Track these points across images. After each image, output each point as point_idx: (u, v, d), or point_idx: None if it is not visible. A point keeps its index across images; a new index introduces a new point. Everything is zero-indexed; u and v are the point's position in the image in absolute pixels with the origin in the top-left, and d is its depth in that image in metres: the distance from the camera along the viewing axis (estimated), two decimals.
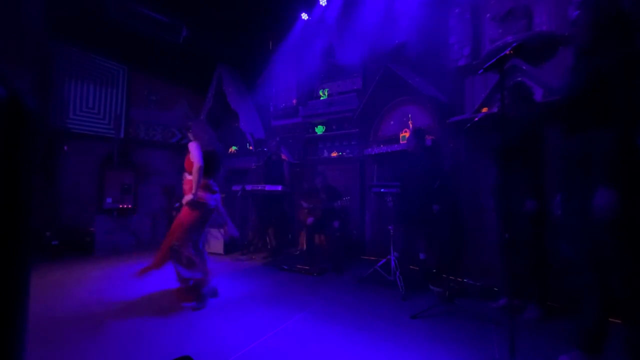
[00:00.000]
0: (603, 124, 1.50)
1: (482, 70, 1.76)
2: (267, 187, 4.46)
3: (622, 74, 1.44)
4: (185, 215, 2.65)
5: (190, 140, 2.75)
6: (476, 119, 2.86)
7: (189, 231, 2.65)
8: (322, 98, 5.46)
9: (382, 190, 3.32)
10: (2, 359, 0.54)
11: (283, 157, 5.21)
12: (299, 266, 3.86)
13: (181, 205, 2.73)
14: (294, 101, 5.83)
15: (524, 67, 3.07)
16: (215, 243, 4.90)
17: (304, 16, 5.45)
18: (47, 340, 1.99)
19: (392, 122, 4.68)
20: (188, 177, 2.70)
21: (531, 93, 2.51)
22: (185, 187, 2.71)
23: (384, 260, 3.29)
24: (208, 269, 2.74)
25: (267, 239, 4.98)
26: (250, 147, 5.76)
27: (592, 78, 1.52)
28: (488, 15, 3.54)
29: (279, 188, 4.42)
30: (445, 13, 3.98)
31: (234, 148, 6.21)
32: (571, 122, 1.66)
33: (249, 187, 4.62)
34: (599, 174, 1.47)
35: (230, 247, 4.95)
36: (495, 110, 3.08)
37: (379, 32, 4.68)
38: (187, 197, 2.62)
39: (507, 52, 1.58)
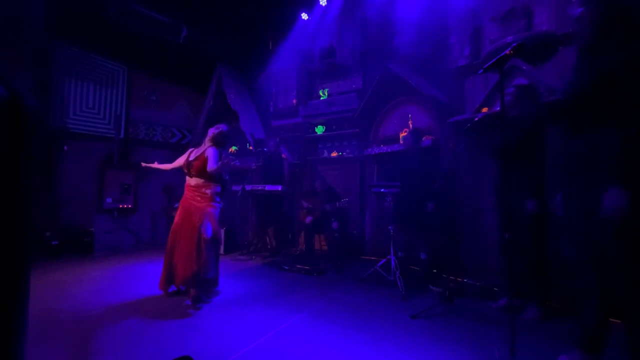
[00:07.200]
0: (609, 124, 1.48)
1: (482, 71, 1.76)
2: (267, 187, 4.46)
3: (628, 72, 1.41)
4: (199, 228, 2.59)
5: (211, 144, 2.77)
6: (476, 118, 2.86)
7: (210, 248, 2.63)
8: (322, 98, 5.46)
9: (382, 190, 3.32)
10: (3, 358, 0.54)
11: (283, 156, 5.21)
12: (298, 266, 3.86)
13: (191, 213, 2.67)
14: (294, 101, 5.82)
15: (524, 67, 3.07)
16: None
17: (304, 16, 5.45)
18: (47, 340, 1.99)
19: (392, 122, 4.68)
20: (197, 181, 2.71)
21: (539, 95, 2.50)
22: (194, 193, 2.71)
23: (384, 260, 3.29)
24: (219, 268, 2.79)
25: (267, 238, 4.98)
26: (250, 147, 5.76)
27: (598, 77, 1.50)
28: (488, 15, 3.53)
29: (279, 188, 4.42)
30: (445, 13, 3.98)
31: (234, 148, 6.20)
32: (577, 122, 1.63)
33: (248, 187, 4.62)
34: (606, 174, 1.45)
35: (230, 246, 4.95)
36: (497, 109, 3.08)
37: (379, 32, 4.68)
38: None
39: (507, 52, 1.58)
